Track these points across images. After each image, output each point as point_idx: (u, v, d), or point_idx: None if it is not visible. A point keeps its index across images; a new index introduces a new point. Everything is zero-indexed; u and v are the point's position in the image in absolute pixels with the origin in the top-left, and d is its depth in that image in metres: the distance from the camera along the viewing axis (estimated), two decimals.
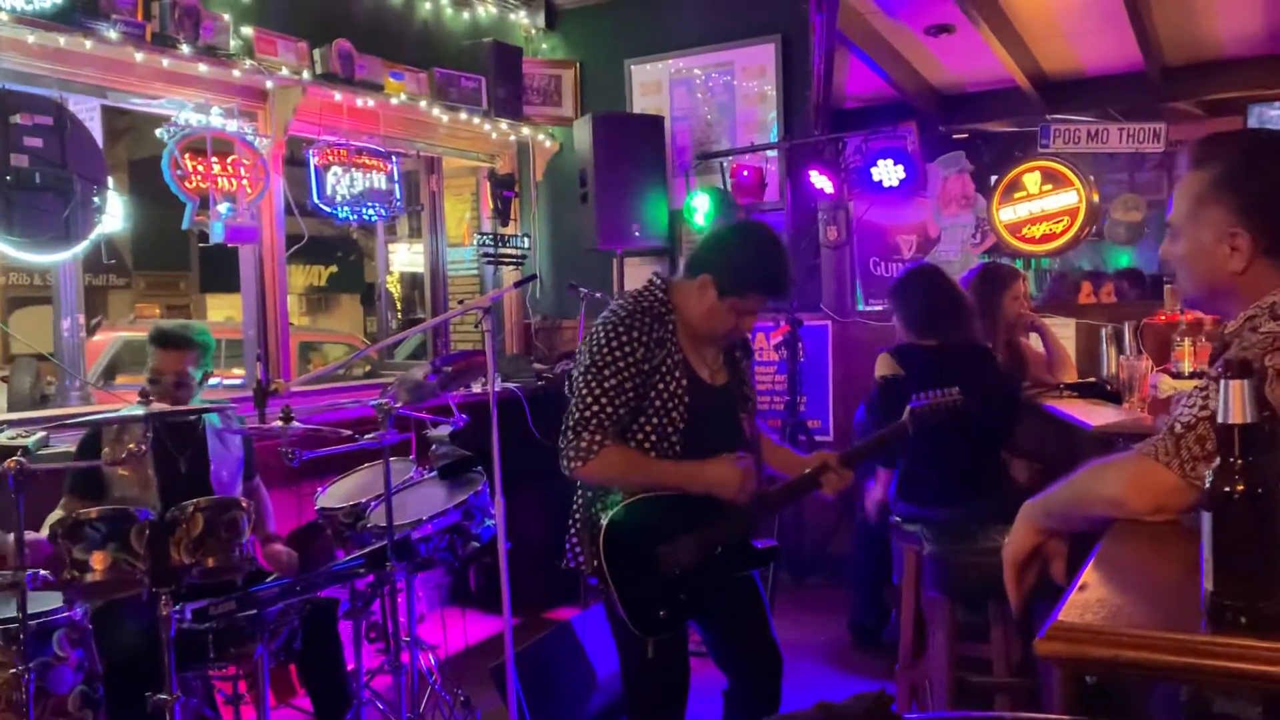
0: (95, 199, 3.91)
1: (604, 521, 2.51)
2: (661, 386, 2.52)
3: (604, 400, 2.48)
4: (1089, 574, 1.27)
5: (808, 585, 5.32)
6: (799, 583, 5.41)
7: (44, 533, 2.83)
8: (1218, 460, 1.14)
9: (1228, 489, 1.11)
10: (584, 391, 2.50)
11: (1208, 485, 1.13)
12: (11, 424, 3.67)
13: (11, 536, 2.58)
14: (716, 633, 2.75)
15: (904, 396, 3.03)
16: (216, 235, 4.35)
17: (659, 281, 2.66)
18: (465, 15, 5.87)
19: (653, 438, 2.54)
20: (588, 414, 2.48)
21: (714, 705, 2.83)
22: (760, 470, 2.69)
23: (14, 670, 2.48)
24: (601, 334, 2.53)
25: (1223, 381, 1.15)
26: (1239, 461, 1.12)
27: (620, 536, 2.51)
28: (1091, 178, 5.37)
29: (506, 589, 3.07)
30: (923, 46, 5.36)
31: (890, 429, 2.79)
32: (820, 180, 5.45)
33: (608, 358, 2.49)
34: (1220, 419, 1.15)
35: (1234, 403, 1.14)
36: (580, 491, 2.65)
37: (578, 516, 2.64)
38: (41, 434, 3.28)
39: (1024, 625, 3.00)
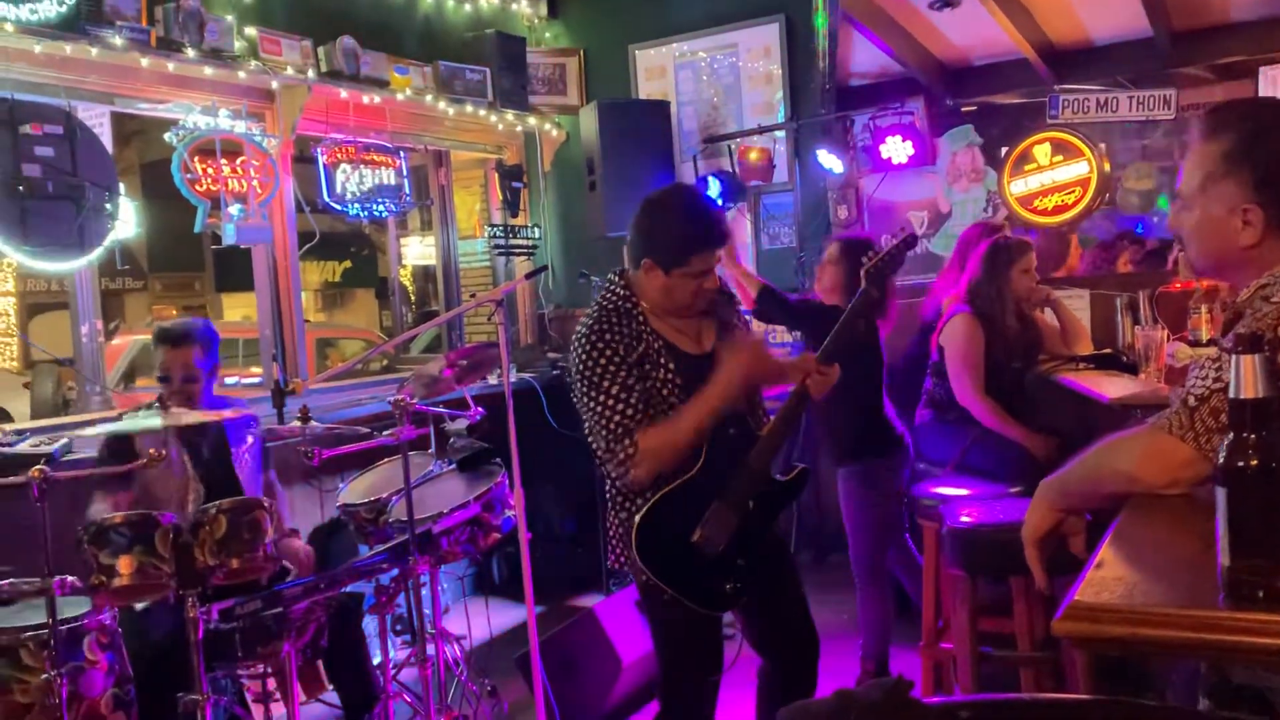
0: (107, 205, 3.94)
1: (635, 523, 2.51)
2: (653, 376, 2.52)
3: (619, 407, 2.47)
4: (1105, 551, 1.27)
5: (829, 564, 5.32)
6: (820, 562, 5.42)
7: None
8: (1230, 435, 1.13)
9: (1241, 464, 1.11)
10: (595, 409, 2.49)
11: (1221, 460, 1.13)
12: (34, 431, 3.71)
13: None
14: (752, 613, 2.75)
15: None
16: (229, 237, 4.37)
17: (616, 277, 2.65)
18: (467, 7, 5.86)
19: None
20: (611, 426, 2.48)
21: (746, 686, 2.85)
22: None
23: (46, 675, 2.51)
24: (582, 352, 2.52)
25: (1234, 356, 1.15)
26: (1252, 436, 1.11)
27: (654, 536, 2.52)
28: (1102, 146, 5.33)
29: (529, 579, 3.09)
30: (927, 21, 5.32)
31: (851, 305, 2.81)
32: (828, 159, 5.43)
33: (597, 370, 2.49)
34: (1232, 394, 1.14)
35: (1246, 377, 1.13)
36: (609, 491, 2.66)
37: (613, 517, 2.65)
38: (64, 441, 3.33)
39: (1047, 600, 3.01)
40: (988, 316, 3.95)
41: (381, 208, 5.12)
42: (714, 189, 5.46)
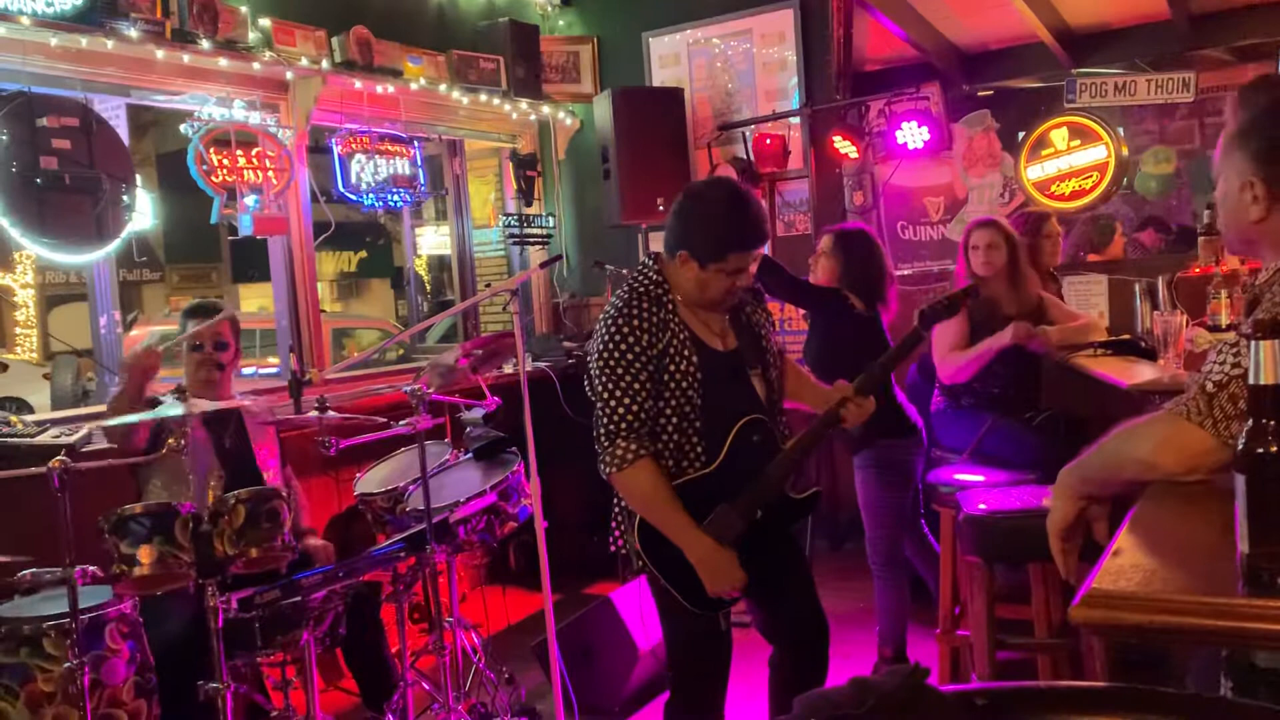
0: (124, 197, 3.95)
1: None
2: (673, 368, 2.50)
3: (626, 401, 2.46)
4: (1123, 539, 1.26)
5: (844, 552, 5.32)
6: (835, 550, 5.42)
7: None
8: (1250, 422, 1.13)
9: (1260, 450, 1.10)
10: (605, 395, 2.49)
11: (1240, 447, 1.12)
12: (54, 423, 3.73)
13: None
14: (762, 603, 2.75)
15: None
16: (245, 228, 4.39)
17: (651, 262, 2.63)
18: None
19: (674, 420, 2.52)
20: (615, 418, 2.47)
21: (759, 673, 2.86)
22: (781, 415, 2.71)
23: (68, 664, 2.54)
24: (605, 331, 2.51)
25: (1253, 342, 1.14)
26: (1271, 422, 1.10)
27: None
28: (1120, 131, 5.28)
29: (545, 567, 3.10)
30: (943, 4, 5.27)
31: (901, 342, 2.77)
32: (844, 146, 5.41)
33: (616, 354, 2.48)
34: (1251, 380, 1.14)
35: (1265, 363, 1.12)
36: None
37: (619, 501, 2.65)
38: (84, 432, 3.35)
39: (1065, 586, 3.00)
40: (980, 298, 4.00)
41: (396, 197, 5.12)
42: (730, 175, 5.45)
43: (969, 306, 3.98)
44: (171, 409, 2.91)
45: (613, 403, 2.48)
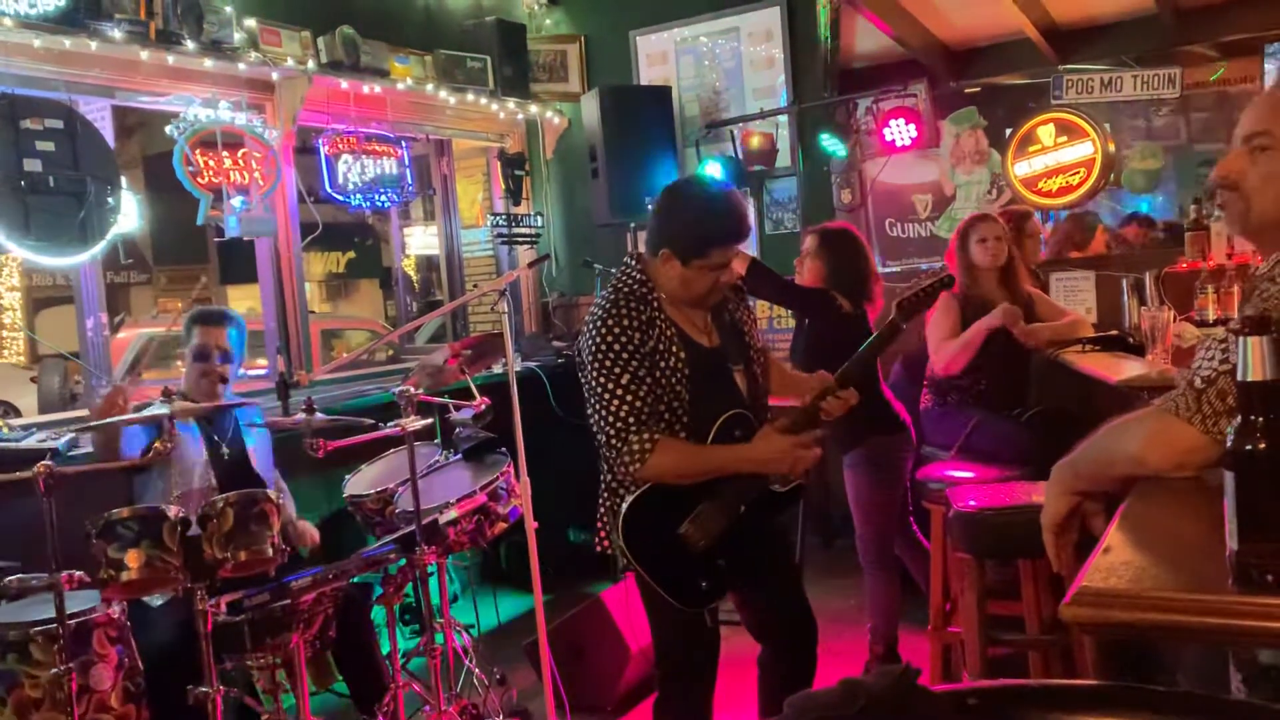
0: (109, 199, 3.93)
1: (623, 508, 2.51)
2: (663, 365, 2.50)
3: (628, 398, 2.45)
4: (1112, 536, 1.26)
5: (836, 549, 5.33)
6: (827, 547, 5.42)
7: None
8: (1238, 418, 1.13)
9: (1249, 447, 1.10)
10: (606, 397, 2.47)
11: (1229, 444, 1.12)
12: (40, 426, 3.71)
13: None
14: (750, 601, 2.75)
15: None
16: (231, 229, 4.37)
17: (633, 261, 2.62)
18: None
19: (666, 417, 2.52)
20: (622, 414, 2.46)
21: (748, 672, 2.86)
22: (761, 411, 2.70)
23: (56, 670, 2.52)
24: (595, 334, 2.50)
25: (1240, 338, 1.14)
26: (1260, 419, 1.10)
27: (641, 520, 2.51)
28: (1107, 126, 5.30)
29: (536, 568, 3.09)
30: (930, 1, 5.29)
31: (880, 333, 2.73)
32: (832, 143, 5.42)
33: (609, 355, 2.47)
34: (1240, 376, 1.13)
35: (1253, 360, 1.12)
36: (604, 475, 2.64)
37: (604, 501, 2.64)
38: (70, 436, 3.33)
39: (1055, 582, 3.00)
40: (965, 293, 4.00)
41: (384, 198, 5.11)
42: (717, 173, 5.45)
43: (960, 302, 4.00)
44: (157, 411, 2.89)
45: (615, 402, 2.47)
